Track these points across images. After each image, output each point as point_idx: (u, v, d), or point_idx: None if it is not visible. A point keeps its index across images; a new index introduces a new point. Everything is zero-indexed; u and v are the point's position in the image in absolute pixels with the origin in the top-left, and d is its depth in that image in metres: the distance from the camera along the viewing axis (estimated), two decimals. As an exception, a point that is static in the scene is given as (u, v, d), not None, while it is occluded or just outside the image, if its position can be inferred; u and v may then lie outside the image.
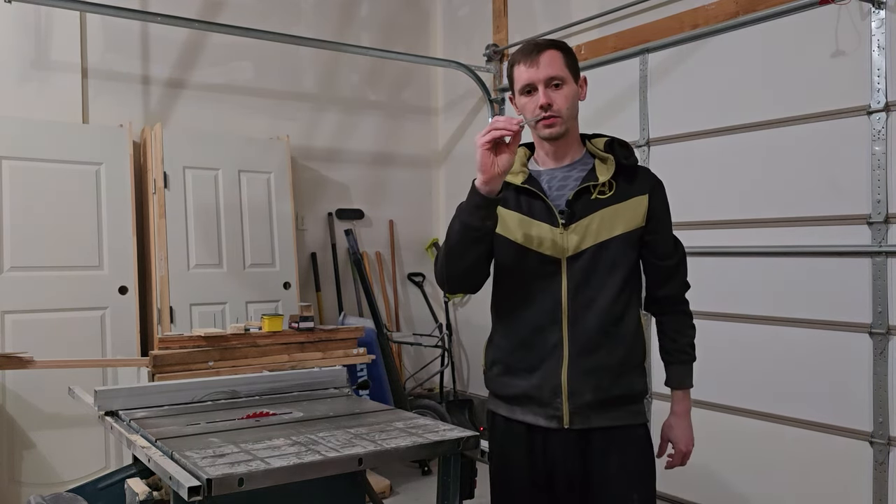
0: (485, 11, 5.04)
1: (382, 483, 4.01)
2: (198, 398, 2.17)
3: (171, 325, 3.98)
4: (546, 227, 1.76)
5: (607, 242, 1.75)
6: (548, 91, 1.73)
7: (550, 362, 1.74)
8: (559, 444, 1.75)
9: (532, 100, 1.75)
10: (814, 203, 3.13)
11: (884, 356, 2.91)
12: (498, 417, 1.86)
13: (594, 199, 1.75)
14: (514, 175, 1.82)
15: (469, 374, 5.27)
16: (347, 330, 3.73)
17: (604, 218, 1.75)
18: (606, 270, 1.75)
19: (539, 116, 1.74)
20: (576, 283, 1.74)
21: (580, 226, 1.75)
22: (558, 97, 1.73)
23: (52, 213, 3.76)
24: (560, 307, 1.74)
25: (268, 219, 4.45)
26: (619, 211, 1.76)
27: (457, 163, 5.37)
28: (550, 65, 1.73)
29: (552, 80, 1.73)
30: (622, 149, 1.82)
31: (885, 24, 2.89)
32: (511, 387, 1.80)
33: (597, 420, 1.74)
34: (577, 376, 1.72)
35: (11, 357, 3.09)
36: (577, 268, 1.74)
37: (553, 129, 1.75)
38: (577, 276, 1.74)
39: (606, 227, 1.74)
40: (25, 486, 3.59)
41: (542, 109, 1.73)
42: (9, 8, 3.56)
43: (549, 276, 1.76)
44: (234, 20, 4.35)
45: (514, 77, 1.79)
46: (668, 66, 3.73)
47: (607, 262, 1.75)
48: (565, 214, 1.75)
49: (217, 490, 1.39)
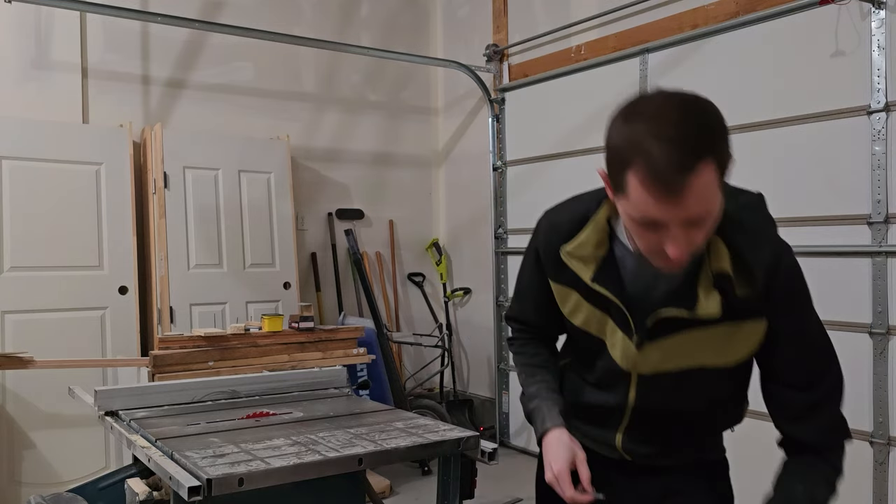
0: (485, 11, 5.04)
1: (382, 483, 4.01)
2: (198, 398, 2.17)
3: (171, 325, 3.98)
4: (619, 337, 1.30)
5: (699, 370, 1.29)
6: (690, 232, 1.07)
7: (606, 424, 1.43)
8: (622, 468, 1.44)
9: (654, 239, 1.10)
10: (814, 203, 3.13)
11: (884, 356, 2.90)
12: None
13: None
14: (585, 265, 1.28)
15: (469, 374, 5.27)
16: (347, 330, 3.73)
17: (700, 340, 1.24)
18: (692, 394, 1.33)
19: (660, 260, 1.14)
20: (647, 399, 1.35)
21: (663, 345, 1.26)
22: (699, 237, 1.09)
23: (52, 213, 3.76)
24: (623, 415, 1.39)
25: (268, 219, 4.45)
26: (728, 333, 1.23)
27: (457, 163, 5.37)
28: (700, 199, 1.03)
29: (697, 220, 1.07)
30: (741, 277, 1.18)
31: (885, 24, 2.89)
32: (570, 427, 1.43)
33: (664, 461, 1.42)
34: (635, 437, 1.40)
35: (11, 357, 3.09)
36: (651, 386, 1.33)
37: (675, 269, 1.16)
38: (651, 395, 1.34)
39: (700, 351, 1.25)
40: (25, 486, 3.59)
41: (667, 258, 1.10)
42: (9, 8, 3.56)
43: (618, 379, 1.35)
44: (234, 20, 4.35)
45: (626, 186, 1.07)
46: (668, 66, 3.73)
47: (699, 385, 1.31)
48: (642, 328, 1.26)
49: (217, 490, 1.39)
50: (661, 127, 1.03)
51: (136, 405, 2.07)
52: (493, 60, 4.90)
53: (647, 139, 1.03)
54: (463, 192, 5.29)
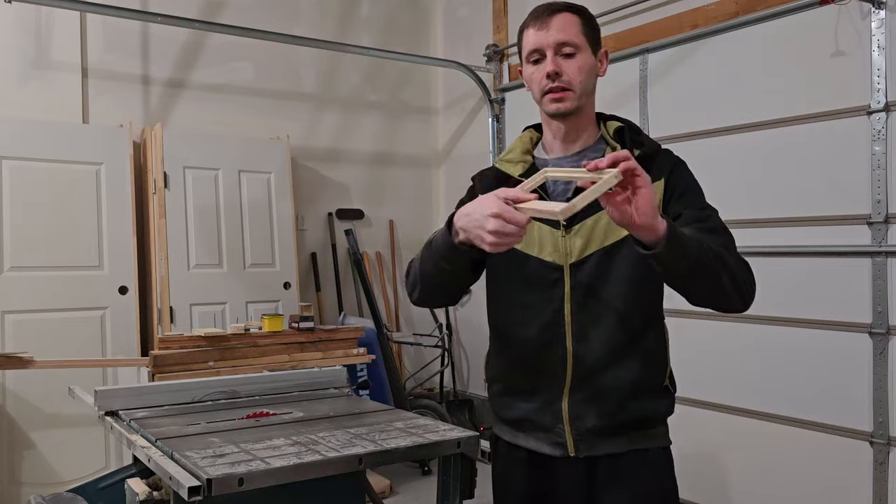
0: (485, 11, 5.04)
1: (382, 483, 4.01)
2: (198, 398, 2.16)
3: (171, 325, 3.98)
4: (546, 230, 1.51)
5: (618, 245, 1.47)
6: (557, 59, 1.48)
7: (551, 384, 1.52)
8: (565, 473, 1.53)
9: (539, 69, 1.50)
10: (814, 203, 3.13)
11: (884, 356, 2.90)
12: (501, 443, 1.65)
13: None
14: (514, 164, 1.58)
15: (469, 374, 5.27)
16: (347, 330, 3.73)
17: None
18: (617, 278, 1.48)
19: (546, 88, 1.49)
20: (581, 293, 1.49)
21: (584, 227, 1.48)
22: (569, 66, 1.48)
23: (52, 213, 3.76)
24: (563, 321, 1.50)
25: (268, 219, 4.45)
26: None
27: (457, 163, 5.37)
28: (563, 29, 1.48)
29: (563, 47, 1.48)
30: (635, 136, 1.54)
31: (885, 24, 2.89)
32: (513, 409, 1.59)
33: (604, 446, 1.51)
34: (579, 401, 1.50)
35: (11, 357, 3.09)
36: (582, 276, 1.48)
37: (561, 105, 1.49)
38: (583, 286, 1.48)
39: (616, 227, 1.42)
40: (25, 486, 3.59)
41: (548, 79, 1.48)
42: (9, 8, 3.56)
43: (551, 285, 1.50)
44: (234, 20, 4.35)
45: (521, 42, 1.55)
46: (668, 66, 3.73)
47: (618, 269, 1.47)
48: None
49: (217, 490, 1.39)
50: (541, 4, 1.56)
51: (136, 405, 2.07)
52: (493, 60, 4.90)
53: (531, 12, 1.55)
54: (463, 193, 5.27)
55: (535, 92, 1.54)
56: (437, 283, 1.54)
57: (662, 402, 1.55)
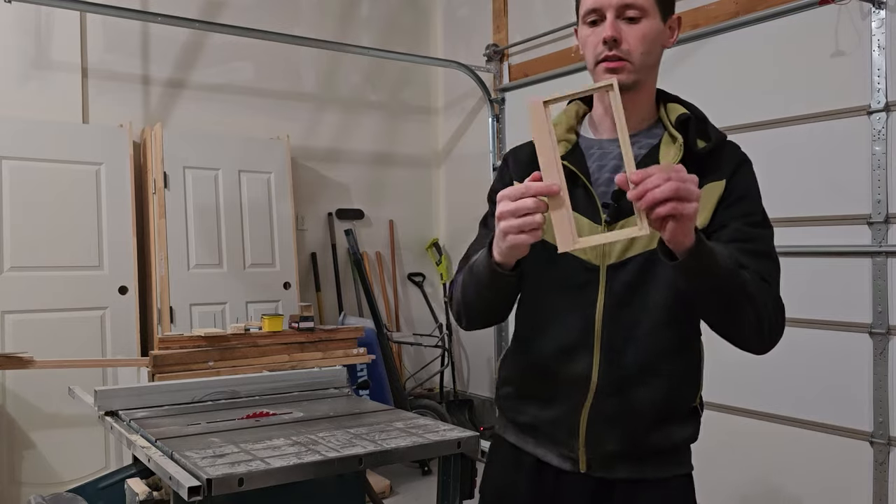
0: (485, 11, 5.04)
1: (382, 483, 4.01)
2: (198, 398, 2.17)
3: (171, 325, 3.98)
4: (585, 223, 1.31)
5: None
6: (618, 23, 1.29)
7: (570, 397, 1.35)
8: (572, 486, 1.39)
9: (595, 32, 1.31)
10: (814, 203, 3.13)
11: (884, 356, 2.91)
12: (504, 443, 1.50)
13: None
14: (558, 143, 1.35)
15: (469, 374, 5.27)
16: (347, 330, 3.73)
17: None
18: (658, 288, 1.30)
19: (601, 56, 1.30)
20: (616, 300, 1.31)
21: (629, 224, 1.24)
22: (631, 33, 1.29)
23: (52, 213, 3.76)
24: (593, 329, 1.32)
25: (268, 219, 4.45)
26: None
27: (457, 163, 5.37)
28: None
29: (627, 9, 1.29)
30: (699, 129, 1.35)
31: (885, 24, 2.89)
32: (524, 414, 1.44)
33: (622, 471, 1.37)
34: (600, 420, 1.34)
35: (11, 357, 3.09)
36: (619, 280, 1.31)
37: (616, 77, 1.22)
38: (619, 292, 1.31)
39: None
40: (25, 486, 3.59)
41: (604, 45, 1.29)
42: (9, 8, 3.56)
43: (584, 287, 1.33)
44: (234, 20, 4.35)
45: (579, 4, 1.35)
46: (668, 66, 3.70)
47: (661, 277, 1.29)
48: (610, 209, 1.30)
49: (217, 490, 1.39)
50: None
51: (136, 405, 2.07)
52: (493, 60, 4.90)
53: None
54: (463, 192, 5.29)
55: (588, 58, 1.34)
56: (484, 309, 1.39)
57: (690, 426, 1.42)
